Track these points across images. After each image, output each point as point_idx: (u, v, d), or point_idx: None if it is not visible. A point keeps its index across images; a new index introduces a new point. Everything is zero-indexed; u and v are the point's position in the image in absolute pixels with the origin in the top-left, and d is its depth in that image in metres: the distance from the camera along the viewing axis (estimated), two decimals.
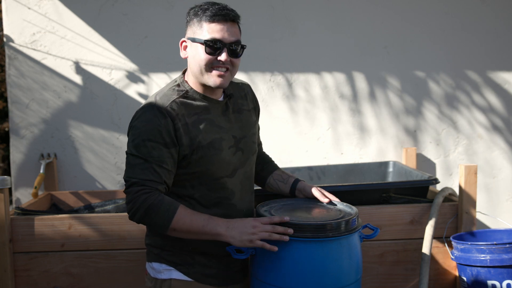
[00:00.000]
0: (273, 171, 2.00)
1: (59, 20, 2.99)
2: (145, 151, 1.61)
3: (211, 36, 1.65)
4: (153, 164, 1.61)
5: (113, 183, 3.08)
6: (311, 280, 1.61)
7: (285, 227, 1.60)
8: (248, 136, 1.83)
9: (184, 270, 1.74)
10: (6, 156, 5.40)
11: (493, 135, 3.22)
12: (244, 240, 1.59)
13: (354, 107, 3.17)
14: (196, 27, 1.69)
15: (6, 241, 2.22)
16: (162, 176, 1.62)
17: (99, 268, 2.29)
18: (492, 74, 3.20)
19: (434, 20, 3.16)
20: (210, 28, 1.65)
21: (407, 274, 2.36)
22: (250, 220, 1.62)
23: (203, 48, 1.66)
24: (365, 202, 2.36)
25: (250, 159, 1.84)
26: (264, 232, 1.59)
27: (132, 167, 1.63)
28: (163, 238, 1.75)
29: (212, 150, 1.69)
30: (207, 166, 1.69)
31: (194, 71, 1.72)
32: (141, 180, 1.60)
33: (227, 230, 1.60)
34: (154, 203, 1.58)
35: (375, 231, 1.83)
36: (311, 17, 3.12)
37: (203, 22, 1.66)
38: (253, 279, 1.75)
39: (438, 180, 2.39)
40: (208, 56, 1.66)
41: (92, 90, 3.04)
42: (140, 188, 1.59)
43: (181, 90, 1.73)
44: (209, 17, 1.65)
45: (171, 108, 1.65)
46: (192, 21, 1.71)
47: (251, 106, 1.90)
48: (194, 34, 1.69)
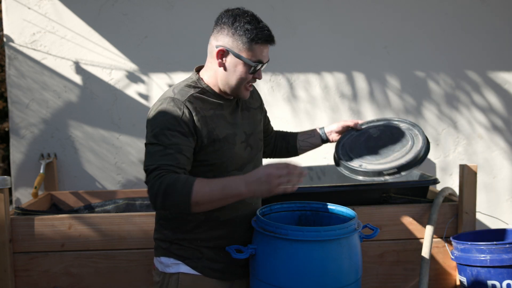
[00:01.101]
0: (296, 137, 2.20)
1: (59, 20, 2.99)
2: (164, 139, 1.62)
3: (258, 58, 1.72)
4: (172, 151, 1.61)
5: (113, 183, 3.08)
6: (311, 280, 1.61)
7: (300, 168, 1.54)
8: (256, 133, 1.90)
9: (192, 264, 1.75)
10: (6, 156, 5.40)
11: (493, 135, 3.22)
12: (264, 191, 1.54)
13: (354, 107, 3.17)
14: (242, 43, 1.70)
15: (6, 241, 2.22)
16: (180, 161, 1.62)
17: (99, 268, 2.29)
18: (492, 74, 3.20)
19: (434, 20, 3.16)
20: (260, 51, 1.71)
21: (407, 274, 2.36)
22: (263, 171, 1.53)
23: (248, 69, 1.73)
24: (365, 202, 2.36)
25: (257, 155, 1.90)
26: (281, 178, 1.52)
27: (151, 155, 1.62)
28: (172, 232, 1.78)
29: (227, 144, 1.74)
30: (222, 159, 1.73)
31: (225, 81, 1.76)
32: (160, 165, 1.59)
33: (246, 186, 1.54)
34: (170, 183, 1.54)
35: (375, 231, 1.83)
36: (311, 17, 3.12)
37: (254, 43, 1.70)
38: (253, 279, 1.75)
39: (438, 180, 2.39)
40: (250, 75, 1.74)
41: (92, 90, 3.04)
42: (157, 173, 1.57)
43: (198, 87, 1.78)
44: (262, 40, 1.70)
45: (189, 101, 1.70)
46: (238, 34, 1.70)
47: (257, 105, 1.98)
48: (240, 50, 1.70)
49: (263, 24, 1.71)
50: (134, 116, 3.06)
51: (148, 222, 2.27)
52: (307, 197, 2.25)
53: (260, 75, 1.77)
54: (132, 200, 2.68)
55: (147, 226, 2.27)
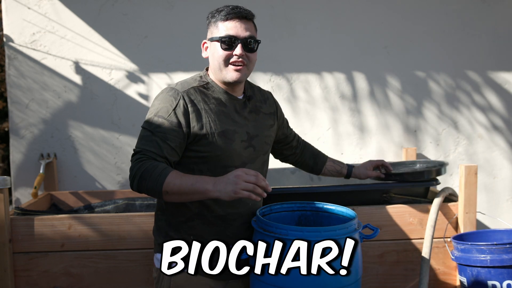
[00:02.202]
0: (325, 162, 2.24)
1: (59, 20, 2.99)
2: (153, 125, 1.71)
3: (226, 33, 1.76)
4: (157, 138, 1.68)
5: (113, 183, 3.08)
6: (311, 280, 1.61)
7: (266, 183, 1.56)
8: (261, 136, 1.89)
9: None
10: (6, 156, 5.40)
11: (493, 135, 3.22)
12: (229, 191, 1.55)
13: (354, 107, 3.17)
14: (213, 27, 1.81)
15: (6, 241, 2.22)
16: (163, 150, 1.68)
17: (99, 268, 2.29)
18: (492, 74, 3.20)
19: (434, 20, 3.16)
20: (225, 26, 1.77)
21: (407, 274, 2.36)
22: (234, 173, 1.57)
23: (220, 45, 1.77)
24: (366, 202, 2.36)
25: (261, 158, 1.90)
26: (247, 183, 1.54)
27: (140, 139, 1.72)
28: (167, 223, 1.81)
29: (224, 139, 1.76)
30: (216, 152, 1.75)
31: (214, 68, 1.81)
32: (143, 149, 1.68)
33: (214, 185, 1.57)
34: (148, 168, 1.61)
35: (375, 231, 1.83)
36: (311, 17, 3.11)
37: (219, 22, 1.78)
38: (253, 279, 1.75)
39: (438, 180, 2.39)
40: (224, 52, 1.76)
41: (92, 90, 3.04)
42: (138, 156, 1.66)
43: (203, 81, 1.83)
44: (223, 16, 1.77)
45: (188, 92, 1.76)
46: (210, 23, 1.83)
47: (269, 111, 1.98)
48: (212, 34, 1.81)
49: (232, 6, 1.78)
50: (134, 116, 3.06)
51: (148, 222, 2.26)
52: (307, 197, 2.25)
53: (239, 51, 1.75)
54: (132, 200, 2.68)
55: (147, 226, 2.27)
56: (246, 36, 1.76)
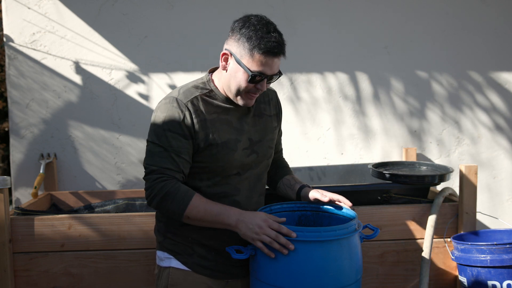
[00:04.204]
0: (284, 176, 2.00)
1: (59, 20, 2.99)
2: (165, 140, 1.69)
3: (259, 69, 1.65)
4: (172, 153, 1.68)
5: (113, 183, 3.08)
6: (311, 280, 1.61)
7: (288, 240, 1.60)
8: (265, 140, 1.87)
9: (182, 259, 1.79)
10: (6, 156, 5.40)
11: (494, 135, 3.21)
12: (248, 237, 1.64)
13: (356, 107, 3.16)
14: (245, 51, 1.65)
15: (6, 241, 2.22)
16: (179, 165, 1.69)
17: (99, 268, 2.29)
18: (493, 74, 3.20)
19: (435, 20, 3.15)
20: (260, 62, 1.64)
21: (407, 275, 2.35)
22: (259, 219, 1.64)
23: (247, 77, 1.67)
24: (366, 203, 2.35)
25: (264, 162, 1.88)
26: (266, 237, 1.61)
27: (152, 155, 1.70)
28: (165, 225, 1.82)
29: (226, 150, 1.75)
30: (218, 163, 1.75)
31: (227, 85, 1.73)
32: (160, 168, 1.67)
33: (236, 223, 1.64)
34: (171, 191, 1.64)
35: (375, 232, 1.83)
36: (311, 17, 3.11)
37: (256, 52, 1.63)
38: (253, 279, 1.75)
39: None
40: (250, 85, 1.69)
41: (92, 90, 3.04)
42: (158, 176, 1.66)
43: (205, 89, 1.78)
44: (263, 50, 1.62)
45: (191, 103, 1.72)
46: (241, 41, 1.66)
47: (273, 112, 1.94)
48: (242, 57, 1.66)
49: (272, 35, 1.63)
50: (134, 116, 3.06)
51: (148, 222, 2.26)
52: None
53: (263, 87, 1.70)
54: (132, 200, 2.68)
55: (147, 226, 2.27)
56: (274, 73, 1.70)
